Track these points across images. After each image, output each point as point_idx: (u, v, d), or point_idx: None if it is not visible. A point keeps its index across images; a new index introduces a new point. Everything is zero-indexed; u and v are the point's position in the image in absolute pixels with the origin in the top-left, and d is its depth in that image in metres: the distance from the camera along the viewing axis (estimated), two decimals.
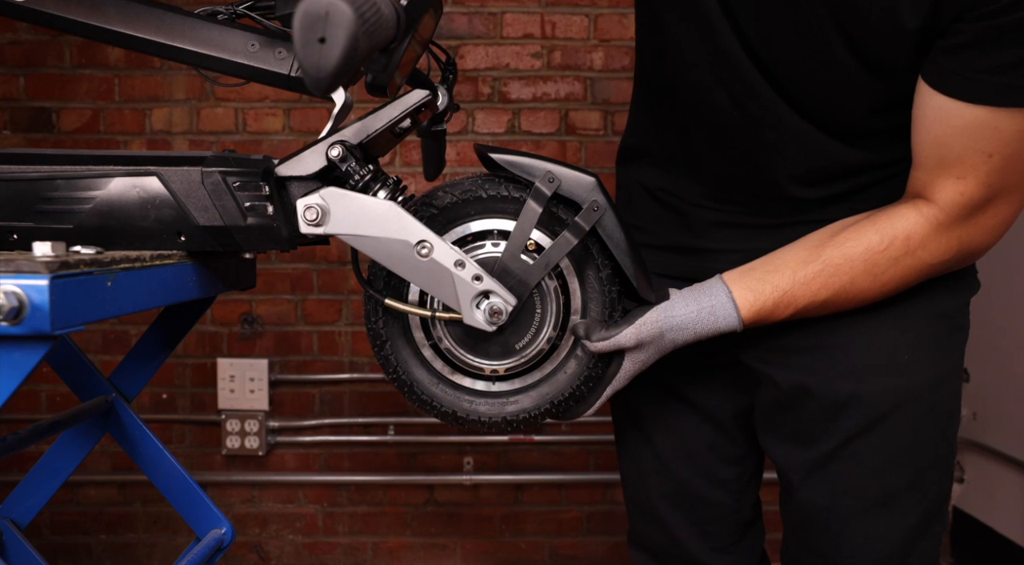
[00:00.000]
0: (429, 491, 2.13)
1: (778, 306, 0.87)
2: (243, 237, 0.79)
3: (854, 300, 0.88)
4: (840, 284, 0.86)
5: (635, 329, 0.85)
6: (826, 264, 0.86)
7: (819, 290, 0.86)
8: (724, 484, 1.10)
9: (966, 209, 0.81)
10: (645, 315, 0.86)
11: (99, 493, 2.12)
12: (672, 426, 1.09)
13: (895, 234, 0.83)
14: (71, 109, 2.05)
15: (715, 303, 0.87)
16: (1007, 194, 0.81)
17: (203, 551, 1.09)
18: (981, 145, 0.78)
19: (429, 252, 0.80)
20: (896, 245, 0.83)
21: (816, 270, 0.86)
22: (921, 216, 0.83)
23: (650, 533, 1.15)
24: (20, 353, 0.61)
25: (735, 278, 0.88)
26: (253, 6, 0.84)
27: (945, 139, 0.80)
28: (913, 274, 0.85)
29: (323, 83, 0.58)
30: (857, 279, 0.85)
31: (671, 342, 0.87)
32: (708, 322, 0.87)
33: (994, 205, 0.82)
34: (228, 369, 2.07)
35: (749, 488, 1.13)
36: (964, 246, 0.84)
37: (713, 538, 1.11)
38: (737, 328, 0.87)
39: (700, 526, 1.11)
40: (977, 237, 0.84)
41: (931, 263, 0.85)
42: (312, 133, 2.05)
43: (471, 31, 2.06)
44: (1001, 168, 0.78)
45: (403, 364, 0.90)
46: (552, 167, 0.85)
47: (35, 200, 0.78)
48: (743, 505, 1.12)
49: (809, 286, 0.86)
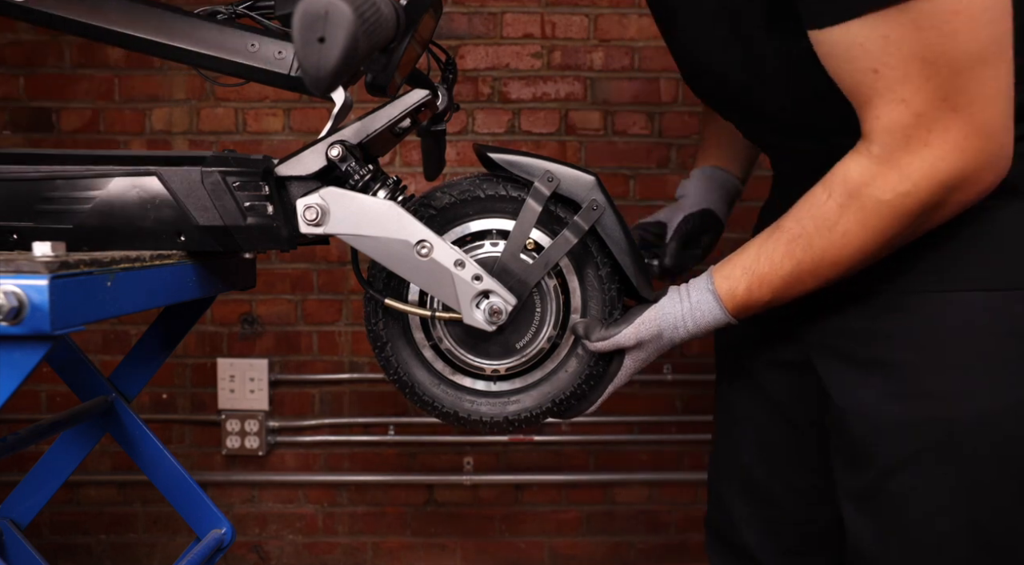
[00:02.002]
0: (429, 491, 2.13)
1: (752, 288, 0.82)
2: (243, 237, 0.79)
3: (825, 264, 0.79)
4: (799, 249, 0.79)
5: (634, 328, 0.85)
6: (783, 232, 0.80)
7: (782, 262, 0.80)
8: (798, 491, 1.05)
9: (894, 133, 0.72)
10: (644, 314, 0.86)
11: (99, 493, 2.12)
12: (754, 421, 1.07)
13: (834, 181, 0.77)
14: (71, 109, 2.05)
15: (700, 298, 0.85)
16: (942, 106, 0.70)
17: (203, 551, 1.09)
18: (859, 64, 0.71)
19: (429, 252, 0.80)
20: (837, 191, 0.76)
21: (775, 241, 0.81)
22: (857, 155, 0.76)
23: (719, 519, 1.13)
24: (20, 353, 0.61)
25: (718, 268, 0.85)
26: (253, 6, 0.85)
27: (835, 72, 0.74)
28: (873, 219, 0.75)
29: (323, 83, 0.58)
30: (813, 239, 0.78)
31: (669, 340, 0.86)
32: (696, 318, 0.85)
33: (936, 121, 0.71)
34: (228, 369, 2.07)
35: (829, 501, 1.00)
36: (925, 176, 0.73)
37: (780, 539, 1.07)
38: (727, 320, 0.85)
39: (767, 525, 1.07)
40: (940, 162, 0.72)
41: (886, 201, 0.74)
42: (312, 133, 2.05)
43: (471, 31, 2.06)
44: (901, 80, 0.70)
45: (404, 365, 0.90)
46: (551, 166, 0.85)
47: (35, 200, 0.78)
48: (818, 516, 1.04)
49: (772, 259, 0.81)
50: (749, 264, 0.82)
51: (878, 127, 0.73)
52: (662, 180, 2.05)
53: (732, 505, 1.10)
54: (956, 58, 0.69)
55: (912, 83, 0.70)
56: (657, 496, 2.13)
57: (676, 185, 1.22)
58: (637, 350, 0.87)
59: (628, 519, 2.14)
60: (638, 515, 2.14)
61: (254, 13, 0.84)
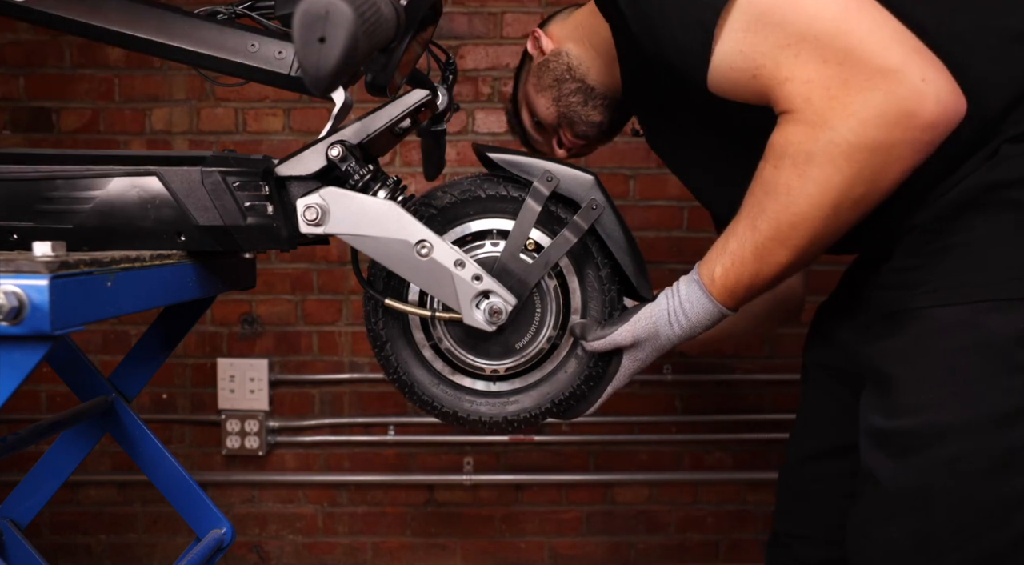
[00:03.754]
0: (429, 491, 2.13)
1: (727, 268, 0.83)
2: (243, 237, 0.79)
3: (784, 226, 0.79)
4: (757, 218, 0.80)
5: (630, 327, 0.85)
6: (742, 210, 0.82)
7: (745, 234, 0.81)
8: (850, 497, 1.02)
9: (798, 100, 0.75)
10: (640, 313, 0.86)
11: (99, 493, 2.12)
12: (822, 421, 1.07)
13: (768, 152, 0.79)
14: (71, 109, 2.05)
15: (687, 290, 0.85)
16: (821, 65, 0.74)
17: (203, 551, 1.09)
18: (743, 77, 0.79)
19: (429, 252, 0.80)
20: (771, 159, 0.79)
21: (737, 221, 0.83)
22: (776, 127, 0.79)
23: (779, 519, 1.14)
24: (20, 353, 0.61)
25: (701, 261, 0.86)
26: (253, 6, 0.85)
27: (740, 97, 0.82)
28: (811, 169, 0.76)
29: (323, 83, 0.58)
30: (764, 205, 0.80)
31: (667, 338, 0.86)
32: (687, 310, 0.85)
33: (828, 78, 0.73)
34: (228, 369, 2.07)
35: None
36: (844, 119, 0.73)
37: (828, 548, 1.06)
38: (718, 309, 0.84)
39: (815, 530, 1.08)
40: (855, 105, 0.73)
41: (815, 150, 0.75)
42: (312, 133, 2.05)
43: (471, 31, 2.06)
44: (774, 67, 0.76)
45: (403, 365, 0.90)
46: (551, 166, 0.85)
47: (35, 200, 0.78)
48: None
49: (738, 235, 0.82)
50: (721, 245, 0.84)
51: (785, 106, 0.77)
52: (662, 180, 2.05)
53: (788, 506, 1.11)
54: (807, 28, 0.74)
55: (784, 63, 0.75)
56: (657, 496, 2.13)
57: (676, 185, 1.22)
58: (635, 350, 0.87)
59: (628, 519, 2.14)
60: (638, 515, 2.14)
61: (254, 13, 0.84)
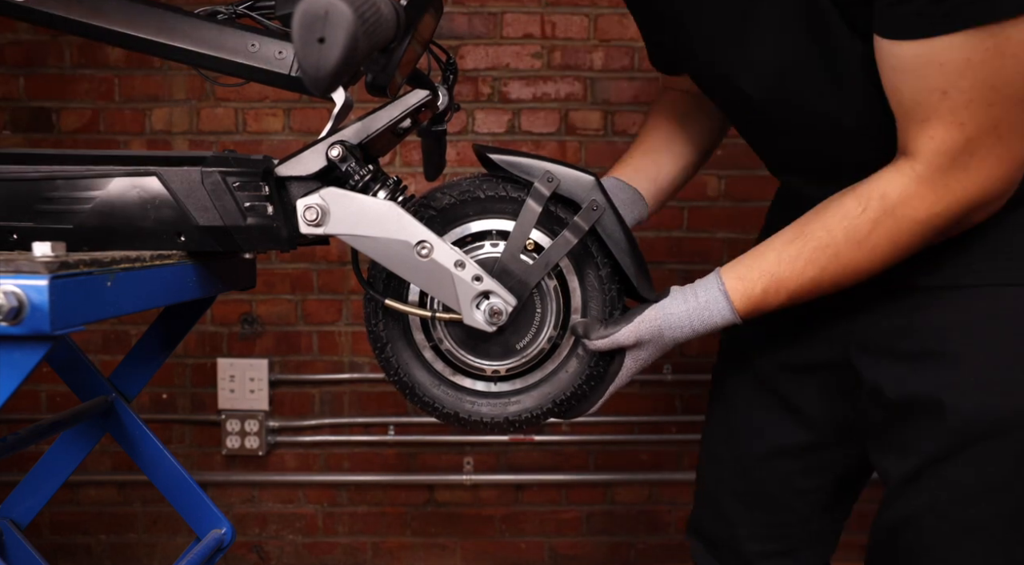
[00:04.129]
0: (429, 491, 2.13)
1: (768, 292, 0.83)
2: (243, 237, 0.79)
3: (848, 273, 0.82)
4: (825, 258, 0.81)
5: (634, 327, 0.85)
6: (807, 239, 0.82)
7: (805, 268, 0.82)
8: (802, 493, 1.06)
9: (943, 155, 0.74)
10: (643, 313, 0.86)
11: (99, 493, 2.12)
12: (764, 426, 1.06)
13: (870, 195, 0.78)
14: (71, 109, 2.05)
15: (708, 297, 0.85)
16: (991, 133, 0.72)
17: (203, 551, 1.09)
18: (930, 83, 0.71)
19: (429, 252, 0.80)
20: (872, 206, 0.78)
21: (799, 247, 0.82)
22: (898, 172, 0.77)
23: (711, 523, 1.13)
24: (20, 353, 0.61)
25: (728, 269, 0.86)
26: (253, 6, 0.85)
27: (896, 85, 0.74)
28: (905, 236, 0.78)
29: (322, 83, 0.58)
30: (841, 250, 0.80)
31: (671, 340, 0.86)
32: (703, 317, 0.85)
33: (982, 147, 0.73)
34: (228, 369, 2.07)
35: (830, 499, 1.07)
36: (958, 198, 0.76)
37: (775, 541, 1.08)
38: (734, 320, 0.85)
39: (765, 528, 1.08)
40: (973, 186, 0.75)
41: (919, 220, 0.77)
42: (312, 133, 2.05)
43: (471, 31, 2.06)
44: (966, 104, 0.71)
45: (404, 366, 0.90)
46: (551, 167, 0.85)
47: (35, 200, 0.78)
48: (818, 515, 1.08)
49: (794, 265, 0.82)
50: (768, 267, 0.83)
51: (930, 147, 0.74)
52: None
53: (730, 510, 1.10)
54: (1021, 89, 0.70)
55: (975, 108, 0.71)
56: (657, 496, 2.13)
57: None
58: (637, 349, 0.87)
59: (628, 519, 2.14)
60: (638, 515, 2.14)
61: (254, 13, 0.84)
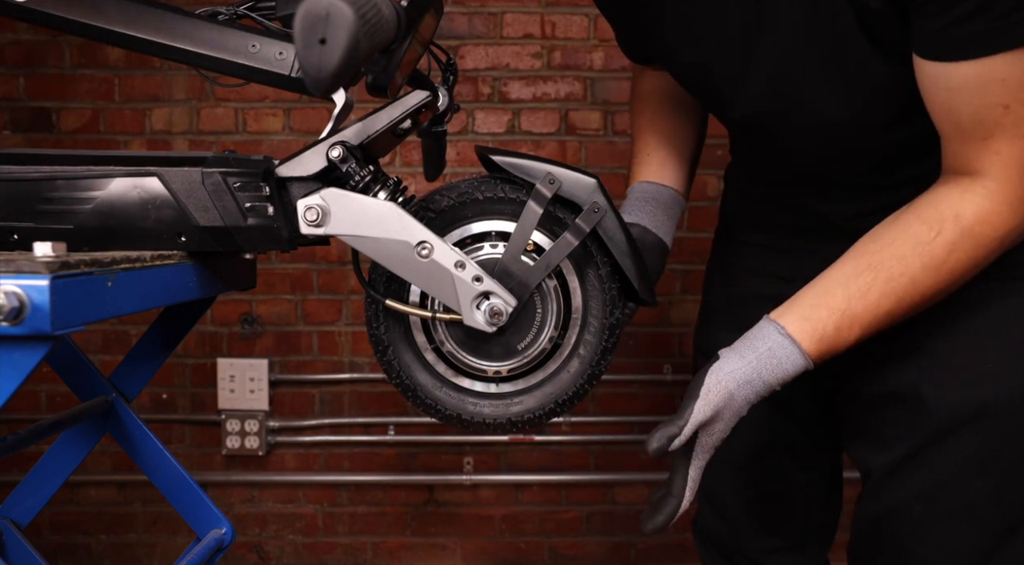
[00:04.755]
0: (429, 491, 2.13)
1: (840, 329, 0.78)
2: (243, 237, 0.79)
3: (926, 299, 0.79)
4: (901, 288, 0.78)
5: (703, 401, 0.78)
6: (878, 271, 0.78)
7: (879, 300, 0.78)
8: (797, 486, 1.08)
9: (1014, 168, 0.73)
10: (702, 385, 0.79)
11: (99, 493, 2.12)
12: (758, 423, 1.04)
13: (942, 218, 0.76)
14: (71, 109, 2.04)
15: (771, 345, 0.79)
16: None
17: (203, 551, 1.09)
18: (991, 99, 0.71)
19: (429, 253, 0.80)
20: (947, 228, 0.76)
21: (869, 280, 0.78)
22: (967, 191, 0.76)
23: (714, 524, 1.13)
24: (20, 353, 0.61)
25: (784, 313, 0.81)
26: (254, 6, 0.84)
27: (952, 105, 0.74)
28: (983, 253, 0.77)
29: (323, 84, 0.58)
30: (918, 277, 0.77)
31: (744, 400, 0.79)
32: (772, 366, 0.79)
33: None
34: (228, 369, 2.07)
35: (825, 492, 1.10)
36: None
37: (778, 537, 1.10)
38: (806, 366, 0.80)
39: (767, 525, 1.09)
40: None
41: (998, 237, 0.76)
42: (312, 133, 2.05)
43: (471, 31, 2.06)
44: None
45: (406, 369, 0.90)
46: (552, 169, 0.84)
47: (35, 200, 0.77)
48: (815, 508, 1.10)
49: (867, 298, 0.78)
50: (837, 304, 0.79)
51: (997, 162, 0.74)
52: None
53: (732, 508, 1.10)
54: None
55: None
56: None
57: None
58: (712, 424, 0.79)
59: (628, 519, 2.14)
60: (638, 515, 2.13)
61: (255, 14, 0.84)
